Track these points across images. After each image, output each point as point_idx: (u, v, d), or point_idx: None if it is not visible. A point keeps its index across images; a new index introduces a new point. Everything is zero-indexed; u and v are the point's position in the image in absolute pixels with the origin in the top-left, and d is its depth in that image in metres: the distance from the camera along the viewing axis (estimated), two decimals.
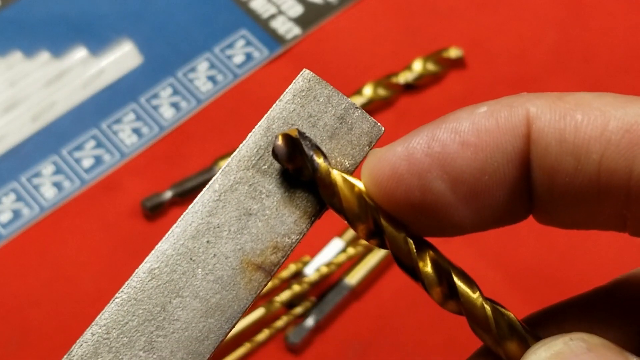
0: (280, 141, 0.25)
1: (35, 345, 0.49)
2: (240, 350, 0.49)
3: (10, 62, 0.57)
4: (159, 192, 0.53)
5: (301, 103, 0.27)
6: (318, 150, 0.25)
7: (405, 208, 0.25)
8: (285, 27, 0.59)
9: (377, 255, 0.51)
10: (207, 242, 0.26)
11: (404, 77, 0.57)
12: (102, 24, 0.59)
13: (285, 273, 0.51)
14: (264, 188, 0.26)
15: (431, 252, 0.26)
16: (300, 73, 0.28)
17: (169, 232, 0.26)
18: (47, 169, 0.54)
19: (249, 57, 0.58)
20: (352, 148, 0.27)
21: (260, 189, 0.26)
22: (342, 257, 0.51)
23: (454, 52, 0.57)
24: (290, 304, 0.50)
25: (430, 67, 0.57)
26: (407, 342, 0.50)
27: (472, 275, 0.58)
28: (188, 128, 0.56)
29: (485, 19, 0.60)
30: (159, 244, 0.26)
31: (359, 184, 0.25)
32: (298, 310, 0.50)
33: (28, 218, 0.53)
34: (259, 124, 0.26)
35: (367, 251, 0.51)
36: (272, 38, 0.58)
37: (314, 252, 0.51)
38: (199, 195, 0.26)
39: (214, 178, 0.26)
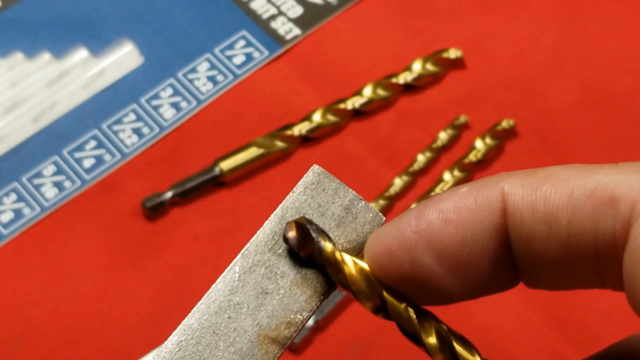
0: (291, 229, 0.29)
1: (36, 345, 0.49)
2: None
3: (12, 62, 0.57)
4: (159, 192, 0.53)
5: (311, 195, 0.31)
6: (324, 234, 0.28)
7: (400, 281, 0.28)
8: (285, 28, 0.59)
9: None
10: (229, 317, 0.29)
11: (403, 78, 0.57)
12: (102, 25, 0.59)
13: None
14: (279, 269, 0.29)
15: (432, 321, 0.29)
16: (311, 168, 0.32)
17: (195, 308, 0.29)
18: (47, 169, 0.54)
19: (249, 57, 0.58)
20: (356, 235, 0.30)
21: (276, 270, 0.29)
22: None
23: (453, 53, 0.57)
24: None
25: (430, 67, 0.57)
26: (406, 342, 0.50)
27: None
28: (188, 128, 0.56)
29: (485, 20, 0.60)
30: (186, 319, 0.29)
31: (362, 264, 0.28)
32: None
33: (29, 218, 0.53)
34: (274, 212, 0.29)
35: None
36: (272, 39, 0.58)
37: None
38: (221, 276, 0.29)
39: (234, 260, 0.30)
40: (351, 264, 0.28)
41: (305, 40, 0.59)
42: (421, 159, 0.54)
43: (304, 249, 0.28)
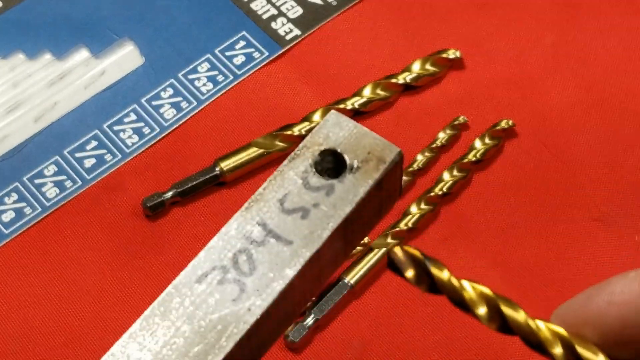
0: (409, 268, 0.30)
1: (37, 344, 0.50)
2: None
3: (13, 63, 0.57)
4: (159, 192, 0.53)
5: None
6: (437, 263, 0.31)
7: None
8: (285, 29, 0.59)
9: (377, 254, 0.51)
10: None
11: (403, 78, 0.57)
12: (103, 25, 0.59)
13: None
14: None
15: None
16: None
17: None
18: (48, 169, 0.54)
19: (249, 58, 0.58)
20: None
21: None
22: None
23: (452, 53, 0.58)
24: None
25: (429, 67, 0.57)
26: (406, 341, 0.50)
27: (472, 275, 0.59)
28: (189, 128, 0.56)
29: (484, 20, 0.60)
30: None
31: (481, 287, 0.30)
32: None
33: (30, 217, 0.53)
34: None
35: (366, 251, 0.51)
36: (272, 39, 0.58)
37: None
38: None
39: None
40: (470, 289, 0.29)
41: (305, 41, 0.59)
42: (420, 158, 0.54)
43: (423, 284, 0.30)
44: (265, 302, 0.31)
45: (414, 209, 0.52)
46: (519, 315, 0.29)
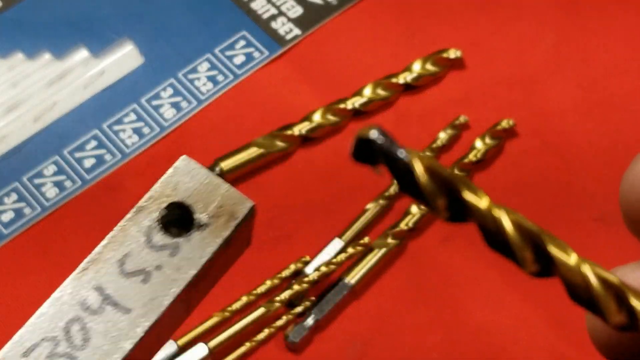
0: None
1: None
2: (240, 350, 0.49)
3: (12, 63, 0.57)
4: None
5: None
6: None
7: None
8: (285, 28, 0.59)
9: (377, 255, 0.51)
10: None
11: (403, 78, 0.57)
12: (103, 25, 0.59)
13: (285, 272, 0.51)
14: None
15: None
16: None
17: None
18: (48, 169, 0.54)
19: (249, 57, 0.58)
20: None
21: None
22: (342, 257, 0.51)
23: (453, 53, 0.58)
24: (290, 304, 0.50)
25: (430, 67, 0.57)
26: (406, 341, 0.50)
27: (470, 273, 0.59)
28: (189, 128, 0.56)
29: (484, 20, 0.60)
30: None
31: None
32: (298, 309, 0.50)
33: (29, 218, 0.53)
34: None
35: (367, 251, 0.51)
36: (272, 39, 0.58)
37: (314, 252, 0.51)
38: None
39: None
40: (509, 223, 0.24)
41: (306, 41, 0.59)
42: None
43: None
44: None
45: (414, 209, 0.52)
46: (570, 259, 0.25)
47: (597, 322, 0.25)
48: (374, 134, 0.25)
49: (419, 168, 0.24)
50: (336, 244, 0.51)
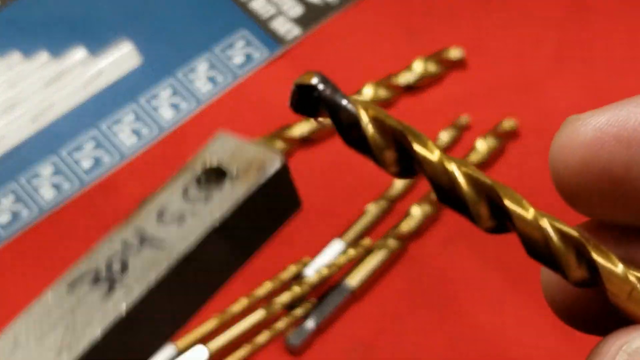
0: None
1: None
2: (240, 352, 0.49)
3: (9, 62, 0.57)
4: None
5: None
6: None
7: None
8: (285, 28, 0.59)
9: (378, 256, 0.51)
10: None
11: (404, 78, 0.57)
12: (101, 24, 0.59)
13: (285, 275, 0.51)
14: None
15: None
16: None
17: None
18: (46, 170, 0.54)
19: (248, 57, 0.58)
20: None
21: None
22: (343, 259, 0.51)
23: (454, 53, 0.57)
24: (290, 306, 0.50)
25: (431, 68, 0.57)
26: (407, 344, 0.50)
27: (472, 275, 0.58)
28: (188, 129, 0.56)
29: (486, 20, 0.60)
30: None
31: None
32: (298, 312, 0.50)
33: (27, 219, 0.53)
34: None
35: (367, 253, 0.51)
36: (272, 39, 0.58)
37: (314, 254, 0.51)
38: None
39: None
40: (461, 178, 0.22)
41: (305, 40, 0.59)
42: None
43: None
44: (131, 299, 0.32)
45: (415, 210, 0.52)
46: (527, 213, 0.23)
47: (553, 281, 0.24)
48: (315, 80, 0.22)
49: (364, 118, 0.22)
50: (336, 246, 0.51)
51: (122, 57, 0.58)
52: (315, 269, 0.51)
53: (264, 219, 0.35)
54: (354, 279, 0.51)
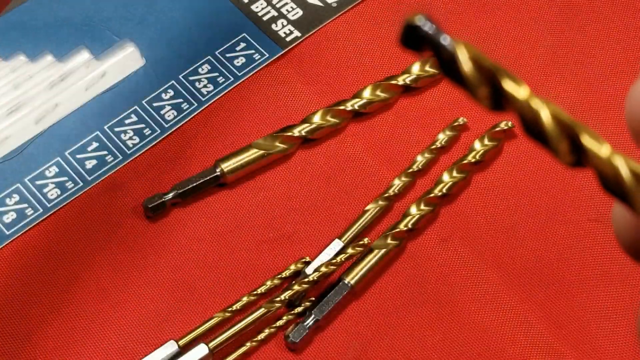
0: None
1: (38, 345, 0.50)
2: (241, 350, 0.49)
3: (14, 64, 0.57)
4: (160, 193, 0.53)
5: None
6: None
7: None
8: (285, 30, 0.59)
9: (377, 255, 0.51)
10: None
11: (402, 79, 0.57)
12: (104, 27, 0.59)
13: (285, 273, 0.51)
14: None
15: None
16: None
17: None
18: (50, 170, 0.54)
19: (249, 59, 0.58)
20: None
21: None
22: (342, 257, 0.51)
23: None
24: (290, 304, 0.50)
25: (429, 69, 0.57)
26: (406, 341, 0.50)
27: (472, 275, 0.58)
28: (189, 130, 0.56)
29: (483, 22, 0.60)
30: None
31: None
32: (298, 309, 0.50)
33: (31, 219, 0.53)
34: None
35: (366, 251, 0.51)
36: (272, 41, 0.58)
37: (314, 253, 0.52)
38: None
39: None
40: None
41: (305, 42, 0.59)
42: (420, 159, 0.55)
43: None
44: None
45: (413, 210, 0.52)
46: (602, 150, 0.25)
47: (624, 220, 0.25)
48: (420, 20, 0.25)
49: (463, 56, 0.24)
50: (336, 245, 0.52)
51: (125, 59, 0.58)
52: (315, 267, 0.51)
53: None
54: (353, 278, 0.51)
